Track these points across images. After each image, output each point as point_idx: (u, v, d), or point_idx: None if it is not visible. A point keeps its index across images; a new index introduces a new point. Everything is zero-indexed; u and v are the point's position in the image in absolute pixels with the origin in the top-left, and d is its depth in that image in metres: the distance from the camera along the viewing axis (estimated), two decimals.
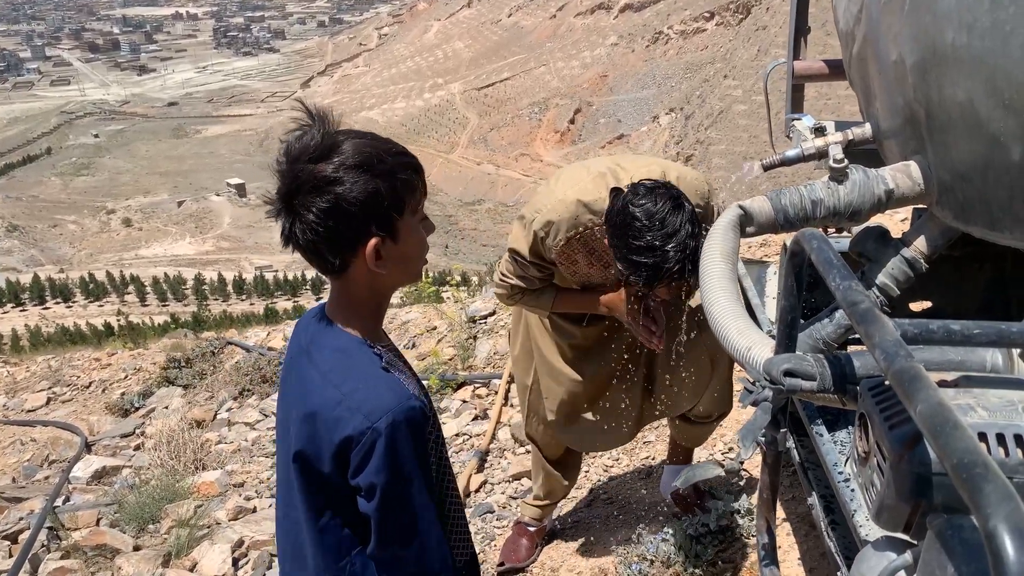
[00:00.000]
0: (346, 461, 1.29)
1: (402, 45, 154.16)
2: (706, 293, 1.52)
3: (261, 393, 6.09)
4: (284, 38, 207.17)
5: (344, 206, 1.25)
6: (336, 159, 1.26)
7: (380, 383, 1.31)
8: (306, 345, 1.41)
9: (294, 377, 1.41)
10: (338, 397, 1.30)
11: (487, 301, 5.83)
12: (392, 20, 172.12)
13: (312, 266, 1.34)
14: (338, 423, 1.28)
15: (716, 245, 1.57)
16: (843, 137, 1.88)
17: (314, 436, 1.32)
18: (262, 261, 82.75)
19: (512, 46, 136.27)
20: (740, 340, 1.39)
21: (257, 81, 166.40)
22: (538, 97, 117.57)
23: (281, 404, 1.49)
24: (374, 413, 1.27)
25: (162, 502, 4.31)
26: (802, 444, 2.15)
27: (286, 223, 1.28)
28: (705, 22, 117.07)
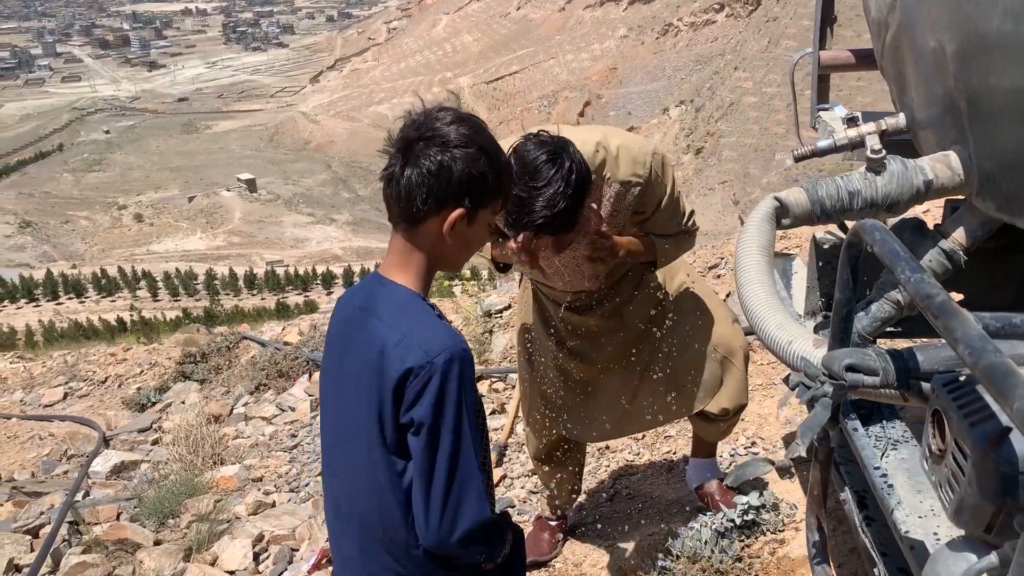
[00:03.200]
0: (400, 394, 1.36)
1: (411, 39, 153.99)
2: (742, 286, 1.50)
3: (277, 388, 6.10)
4: (293, 33, 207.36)
5: (456, 169, 1.37)
6: (471, 131, 1.40)
7: (436, 325, 1.40)
8: (362, 303, 1.48)
9: (356, 334, 1.47)
10: (398, 337, 1.38)
11: (502, 295, 5.81)
12: (401, 14, 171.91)
13: (390, 209, 1.43)
14: (399, 359, 1.35)
15: (752, 237, 1.55)
16: (876, 127, 1.85)
17: (381, 380, 1.38)
18: (273, 256, 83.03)
19: (521, 39, 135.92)
20: (780, 334, 1.37)
21: (266, 76, 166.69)
22: (547, 90, 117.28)
23: (337, 368, 1.52)
24: (433, 349, 1.35)
25: (181, 496, 4.32)
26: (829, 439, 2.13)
27: (397, 162, 1.40)
28: (715, 14, 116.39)
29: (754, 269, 1.50)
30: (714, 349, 2.65)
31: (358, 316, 1.48)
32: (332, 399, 1.53)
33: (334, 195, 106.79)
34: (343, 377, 1.49)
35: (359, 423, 1.43)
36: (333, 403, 1.53)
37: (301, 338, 6.84)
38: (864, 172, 1.64)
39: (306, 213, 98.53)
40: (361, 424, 1.43)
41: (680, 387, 2.65)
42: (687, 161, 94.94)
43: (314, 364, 6.14)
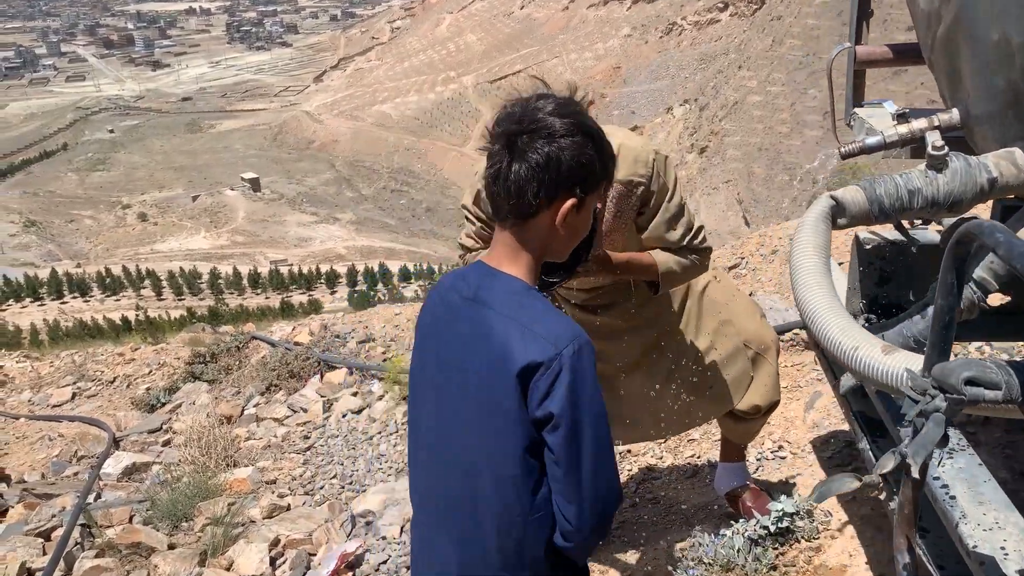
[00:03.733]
0: (527, 389, 1.32)
1: (414, 38, 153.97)
2: (800, 288, 1.43)
3: (288, 389, 6.04)
4: (297, 32, 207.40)
5: (564, 160, 1.35)
6: (573, 117, 1.37)
7: (557, 316, 1.38)
8: (472, 294, 1.43)
9: (465, 327, 1.42)
10: (520, 328, 1.34)
11: None
12: (404, 13, 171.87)
13: (499, 207, 1.40)
14: (523, 352, 1.32)
15: (807, 238, 1.49)
16: (928, 123, 1.78)
17: (503, 374, 1.34)
18: (277, 255, 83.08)
19: (524, 38, 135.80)
20: (844, 339, 1.30)
21: (270, 76, 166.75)
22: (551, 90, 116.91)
23: (436, 361, 1.48)
24: (560, 340, 1.32)
25: (195, 499, 4.26)
26: (878, 446, 2.06)
27: (502, 159, 1.37)
28: (719, 12, 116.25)
29: (812, 271, 1.44)
30: (746, 346, 2.60)
31: (468, 308, 1.42)
32: (432, 393, 1.49)
33: (337, 194, 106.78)
34: (448, 371, 1.44)
35: (471, 417, 1.39)
36: (434, 397, 1.48)
37: (312, 338, 6.78)
38: (924, 170, 1.57)
39: (310, 212, 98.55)
40: (474, 418, 1.39)
41: (707, 388, 2.60)
42: (691, 160, 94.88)
43: (326, 365, 6.09)
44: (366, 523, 3.67)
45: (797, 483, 2.98)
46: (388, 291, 54.48)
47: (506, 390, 1.33)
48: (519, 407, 1.33)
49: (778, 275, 4.39)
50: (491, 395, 1.35)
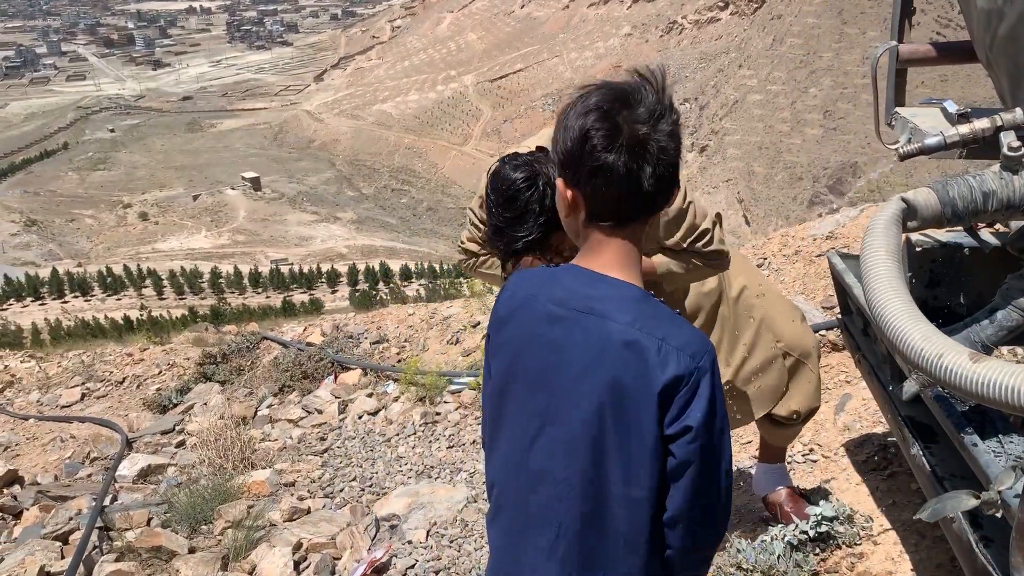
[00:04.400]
0: (667, 405, 1.23)
1: (415, 37, 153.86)
2: (874, 294, 1.39)
3: (302, 389, 6.00)
4: (297, 31, 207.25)
5: (677, 157, 1.27)
6: (661, 101, 1.27)
7: (687, 326, 1.29)
8: (583, 304, 1.30)
9: (577, 338, 1.29)
10: (656, 341, 1.24)
11: None
12: (404, 12, 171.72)
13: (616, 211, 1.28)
14: (661, 367, 1.23)
15: (879, 242, 1.45)
16: (991, 123, 1.74)
17: (638, 390, 1.24)
18: (277, 254, 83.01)
19: (525, 37, 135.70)
20: (928, 346, 1.26)
21: (271, 75, 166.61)
22: (551, 88, 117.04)
23: (539, 379, 1.33)
24: (698, 353, 1.24)
25: (214, 502, 4.22)
26: (930, 451, 2.03)
27: (640, 166, 1.24)
28: (720, 11, 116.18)
29: (886, 276, 1.39)
30: (786, 353, 2.56)
31: (580, 320, 1.28)
32: (529, 415, 1.35)
33: (338, 193, 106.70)
34: (554, 390, 1.31)
35: (593, 437, 1.27)
36: (535, 420, 1.34)
37: (324, 339, 6.75)
38: (999, 171, 1.53)
39: (310, 211, 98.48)
40: (598, 439, 1.27)
41: (743, 395, 2.56)
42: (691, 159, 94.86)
43: (339, 366, 6.05)
44: (391, 527, 3.63)
45: (832, 487, 2.94)
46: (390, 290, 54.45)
47: (644, 409, 1.23)
48: (657, 426, 1.24)
49: (802, 276, 4.35)
50: (622, 414, 1.24)
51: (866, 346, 2.55)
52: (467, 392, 5.00)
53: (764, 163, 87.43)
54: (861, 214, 4.49)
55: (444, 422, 4.77)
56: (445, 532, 3.47)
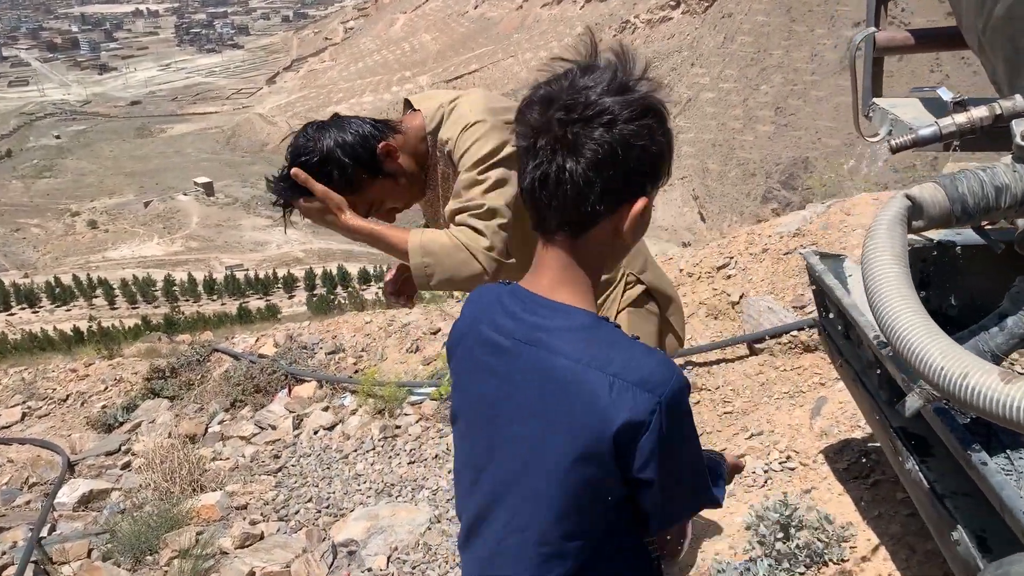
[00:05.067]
0: (629, 450, 1.05)
1: (368, 39, 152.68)
2: (881, 304, 1.24)
3: (255, 404, 5.74)
4: (248, 34, 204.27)
5: (632, 153, 1.05)
6: (634, 95, 1.07)
7: (644, 354, 1.08)
8: (527, 335, 1.13)
9: (523, 378, 1.13)
10: (608, 380, 1.05)
11: None
12: (357, 13, 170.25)
13: (546, 218, 1.11)
14: (616, 408, 1.04)
15: (883, 244, 1.29)
16: (989, 111, 1.60)
17: (590, 439, 1.06)
18: (232, 260, 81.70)
19: (479, 38, 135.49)
20: (950, 365, 1.11)
21: (222, 78, 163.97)
22: (507, 88, 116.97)
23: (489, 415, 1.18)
24: (656, 388, 1.04)
25: (159, 530, 3.96)
26: (927, 466, 1.89)
27: (549, 157, 1.06)
28: (671, 10, 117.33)
29: (894, 283, 1.24)
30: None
31: (526, 355, 1.12)
32: (469, 452, 1.23)
33: None
34: (503, 437, 1.15)
35: (541, 491, 1.11)
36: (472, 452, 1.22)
37: (277, 350, 6.48)
38: (1011, 163, 1.39)
39: (265, 216, 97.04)
40: (545, 492, 1.10)
41: None
42: None
43: (293, 378, 5.80)
44: (348, 552, 3.42)
45: (815, 498, 2.80)
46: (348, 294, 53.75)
47: (596, 459, 1.06)
48: (615, 474, 1.07)
49: (770, 274, 4.23)
50: (571, 468, 1.08)
51: (849, 351, 2.42)
52: (428, 403, 4.80)
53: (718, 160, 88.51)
54: (828, 210, 4.39)
55: (404, 436, 4.56)
56: (407, 558, 3.26)
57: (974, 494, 1.74)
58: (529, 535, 1.14)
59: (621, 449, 1.05)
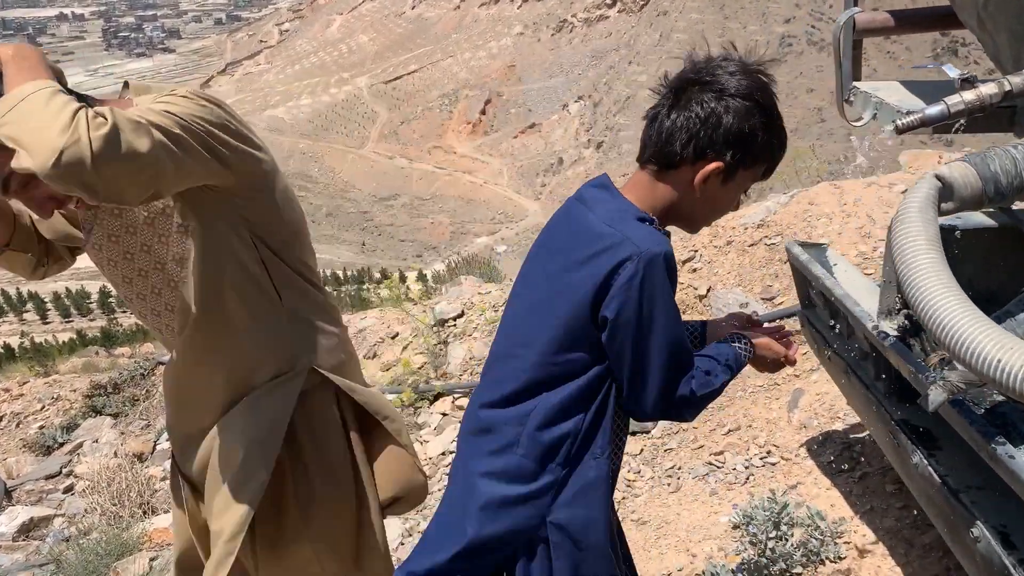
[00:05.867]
0: (607, 288, 1.32)
1: (304, 40, 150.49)
2: (924, 294, 1.15)
3: None
4: (180, 37, 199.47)
5: (726, 120, 1.31)
6: (752, 83, 1.33)
7: (650, 230, 1.35)
8: (582, 196, 1.45)
9: (567, 222, 1.45)
10: (611, 232, 1.34)
11: (453, 301, 5.38)
12: (292, 15, 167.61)
13: (644, 149, 1.40)
14: (611, 255, 1.32)
15: (917, 229, 1.20)
16: (998, 88, 1.53)
17: (589, 271, 1.34)
18: None
19: (417, 38, 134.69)
20: (1009, 356, 1.02)
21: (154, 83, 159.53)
22: (447, 89, 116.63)
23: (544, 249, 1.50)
24: (644, 244, 1.30)
25: (109, 557, 3.73)
26: (936, 460, 1.82)
27: (666, 103, 1.37)
28: (608, 9, 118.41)
29: (933, 272, 1.15)
30: None
31: (575, 206, 1.45)
32: (529, 278, 1.51)
33: None
34: (546, 257, 1.46)
35: (550, 303, 1.40)
36: (530, 282, 1.50)
37: None
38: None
39: None
40: (551, 304, 1.40)
41: None
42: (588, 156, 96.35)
43: None
44: None
45: (801, 494, 2.74)
46: None
47: (592, 295, 1.33)
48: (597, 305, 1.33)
49: (736, 267, 4.18)
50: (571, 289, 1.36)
51: (837, 342, 2.35)
52: None
53: None
54: (791, 200, 4.36)
55: None
56: None
57: (991, 488, 1.67)
58: (533, 348, 1.42)
59: (604, 288, 1.31)
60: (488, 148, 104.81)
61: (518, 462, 1.41)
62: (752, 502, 2.68)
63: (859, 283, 2.26)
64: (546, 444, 1.40)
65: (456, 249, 74.14)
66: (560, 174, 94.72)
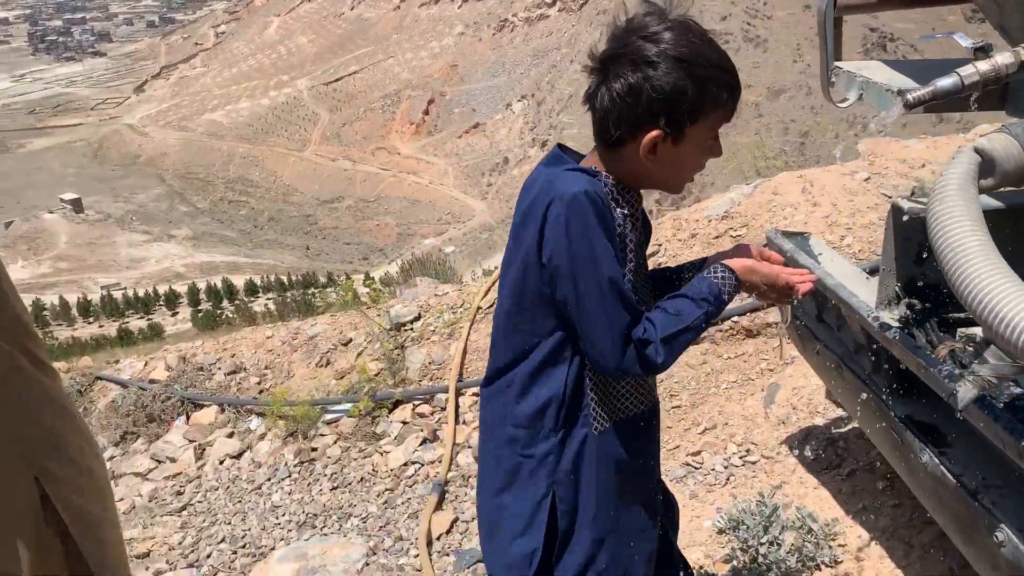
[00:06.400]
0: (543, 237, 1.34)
1: (241, 43, 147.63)
2: (978, 285, 1.01)
3: (149, 435, 5.20)
4: (111, 41, 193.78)
5: (646, 89, 1.28)
6: (669, 40, 1.28)
7: (576, 175, 1.36)
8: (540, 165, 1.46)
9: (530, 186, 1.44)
10: (547, 186, 1.36)
11: (409, 303, 5.18)
12: (228, 17, 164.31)
13: (594, 131, 1.39)
14: (539, 204, 1.35)
15: (959, 209, 1.07)
16: (1014, 58, 1.42)
17: (534, 225, 1.36)
18: (108, 280, 77.46)
19: (357, 39, 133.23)
20: None
21: (84, 88, 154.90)
22: (389, 89, 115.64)
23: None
24: (565, 187, 1.32)
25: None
26: (947, 458, 1.70)
27: (594, 83, 1.35)
28: (548, 8, 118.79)
29: (982, 255, 1.02)
30: None
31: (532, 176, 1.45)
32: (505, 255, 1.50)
33: (170, 210, 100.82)
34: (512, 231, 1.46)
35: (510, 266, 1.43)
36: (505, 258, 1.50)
37: (170, 373, 5.90)
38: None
39: (141, 231, 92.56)
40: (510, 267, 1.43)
41: None
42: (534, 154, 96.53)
43: (191, 403, 5.28)
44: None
45: (788, 494, 2.62)
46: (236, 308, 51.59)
47: (533, 242, 1.35)
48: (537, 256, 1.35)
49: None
50: (522, 248, 1.39)
51: (827, 336, 2.23)
52: (346, 420, 4.42)
53: None
54: (755, 190, 4.28)
55: (323, 459, 4.17)
56: None
57: (1012, 487, 1.56)
58: (501, 311, 1.47)
59: (541, 235, 1.33)
60: (432, 148, 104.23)
61: (513, 433, 1.45)
62: (737, 504, 2.56)
63: (849, 272, 2.15)
64: (529, 414, 1.43)
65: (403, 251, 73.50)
66: (506, 173, 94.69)
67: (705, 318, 1.37)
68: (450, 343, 4.67)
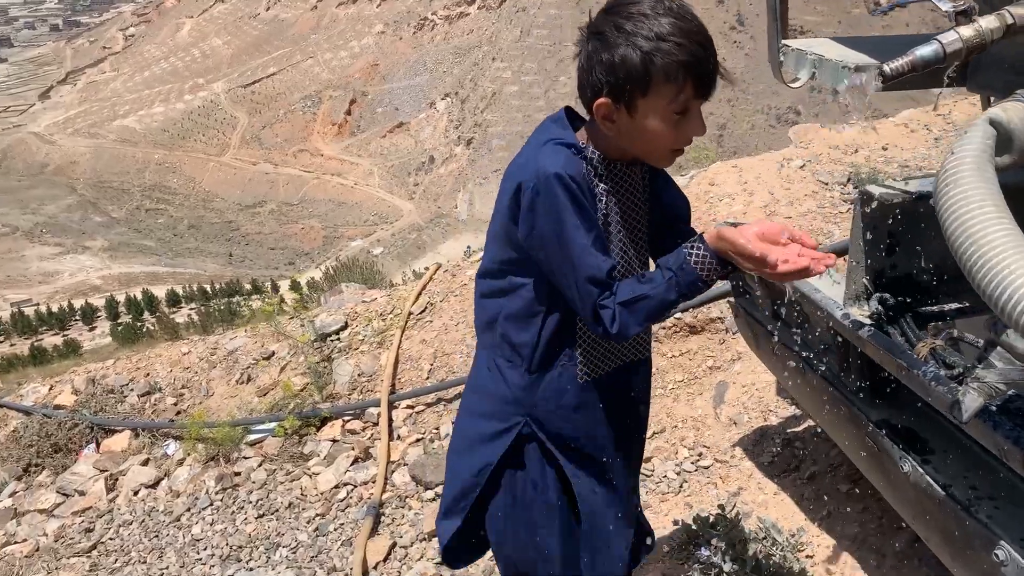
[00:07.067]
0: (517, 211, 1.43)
1: (153, 46, 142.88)
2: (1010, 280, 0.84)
3: (55, 467, 4.78)
4: (11, 45, 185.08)
5: (594, 59, 1.36)
6: (615, 18, 1.35)
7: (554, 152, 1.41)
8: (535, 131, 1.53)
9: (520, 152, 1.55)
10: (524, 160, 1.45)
11: (334, 313, 4.89)
12: (138, 20, 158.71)
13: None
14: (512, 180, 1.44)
15: (977, 191, 0.90)
16: (999, 22, 1.27)
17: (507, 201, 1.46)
18: (18, 296, 74.08)
19: (274, 40, 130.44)
20: None
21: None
22: (309, 90, 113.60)
23: None
24: (539, 166, 1.39)
25: None
26: (932, 466, 1.55)
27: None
28: (467, 6, 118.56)
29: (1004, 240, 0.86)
30: None
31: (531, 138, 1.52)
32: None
33: (84, 220, 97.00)
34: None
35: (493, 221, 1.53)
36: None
37: (78, 398, 5.47)
38: None
39: (53, 243, 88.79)
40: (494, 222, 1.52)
41: None
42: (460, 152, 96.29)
43: (101, 429, 4.89)
44: None
45: (747, 502, 2.47)
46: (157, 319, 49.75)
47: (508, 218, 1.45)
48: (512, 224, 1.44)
49: None
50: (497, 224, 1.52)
51: (785, 335, 2.08)
52: (271, 441, 4.12)
53: None
54: (691, 181, 4.15)
55: (247, 484, 3.87)
56: None
57: (1008, 499, 1.42)
58: (485, 258, 1.58)
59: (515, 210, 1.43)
60: (356, 149, 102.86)
61: (497, 363, 1.58)
62: (693, 515, 2.39)
63: None
64: (511, 348, 1.55)
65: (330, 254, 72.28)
66: (432, 172, 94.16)
67: (668, 286, 1.38)
68: (380, 352, 4.42)
